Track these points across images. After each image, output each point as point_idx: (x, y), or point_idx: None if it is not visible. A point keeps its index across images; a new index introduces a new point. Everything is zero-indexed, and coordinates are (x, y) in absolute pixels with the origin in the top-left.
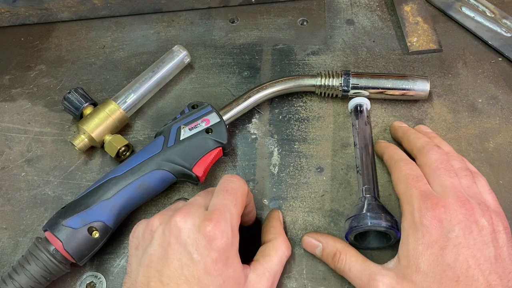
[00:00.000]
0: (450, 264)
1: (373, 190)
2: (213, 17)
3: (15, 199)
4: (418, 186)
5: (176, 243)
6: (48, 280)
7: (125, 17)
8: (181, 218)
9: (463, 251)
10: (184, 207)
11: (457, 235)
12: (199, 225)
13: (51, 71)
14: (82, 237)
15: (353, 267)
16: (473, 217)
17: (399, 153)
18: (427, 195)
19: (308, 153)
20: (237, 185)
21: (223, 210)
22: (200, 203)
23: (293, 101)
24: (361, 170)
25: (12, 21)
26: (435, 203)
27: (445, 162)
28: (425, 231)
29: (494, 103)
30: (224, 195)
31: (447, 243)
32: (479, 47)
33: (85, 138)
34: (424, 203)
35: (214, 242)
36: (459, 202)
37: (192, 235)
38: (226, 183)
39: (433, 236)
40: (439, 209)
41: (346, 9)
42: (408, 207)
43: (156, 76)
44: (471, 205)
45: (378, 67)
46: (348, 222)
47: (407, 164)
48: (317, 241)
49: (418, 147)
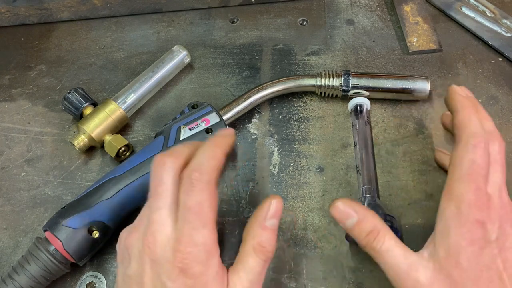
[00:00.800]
0: (487, 265)
1: (373, 190)
2: (213, 17)
3: (15, 199)
4: (478, 180)
5: (150, 271)
6: (48, 280)
7: (125, 17)
8: (150, 248)
9: (499, 255)
10: (149, 230)
11: (497, 238)
12: (169, 256)
13: (51, 71)
14: (82, 237)
15: (393, 251)
16: (511, 221)
17: (476, 125)
18: (481, 194)
19: (308, 153)
20: (202, 195)
21: (190, 235)
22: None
23: (293, 101)
24: (361, 170)
25: (12, 21)
26: (484, 202)
27: (503, 158)
28: (470, 227)
29: (494, 103)
30: (189, 215)
31: (487, 244)
32: (479, 47)
33: (85, 138)
34: (475, 201)
35: (187, 272)
36: (502, 205)
37: (164, 265)
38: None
39: (476, 235)
40: (485, 211)
41: (346, 9)
42: (458, 197)
43: (156, 76)
44: (511, 209)
45: (378, 67)
46: None
47: (479, 147)
48: (354, 211)
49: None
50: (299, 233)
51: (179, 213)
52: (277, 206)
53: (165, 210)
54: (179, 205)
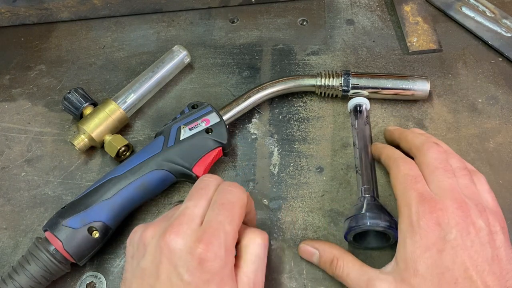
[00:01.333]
0: (448, 266)
1: (372, 190)
2: (213, 17)
3: (15, 199)
4: (416, 188)
5: (167, 263)
6: (48, 280)
7: (125, 17)
8: (172, 237)
9: (461, 253)
10: (176, 221)
11: (454, 238)
12: (190, 246)
13: (51, 71)
14: (82, 237)
15: (351, 273)
16: (470, 218)
17: (397, 152)
18: (425, 198)
19: (308, 153)
20: (235, 197)
21: (217, 229)
22: (193, 215)
23: (293, 101)
24: (360, 170)
25: (12, 21)
26: (432, 206)
27: (444, 162)
28: (422, 234)
29: (494, 103)
30: (220, 210)
31: (445, 245)
32: (479, 47)
33: (85, 138)
34: (422, 206)
35: (205, 264)
36: (456, 204)
37: (183, 256)
38: (223, 194)
39: (431, 239)
40: (436, 212)
41: (346, 9)
42: (406, 209)
43: (156, 76)
44: (467, 207)
45: (378, 67)
46: (347, 222)
47: (405, 164)
48: (314, 248)
49: (417, 145)
50: (299, 233)
51: (210, 207)
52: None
53: (197, 208)
54: (211, 204)
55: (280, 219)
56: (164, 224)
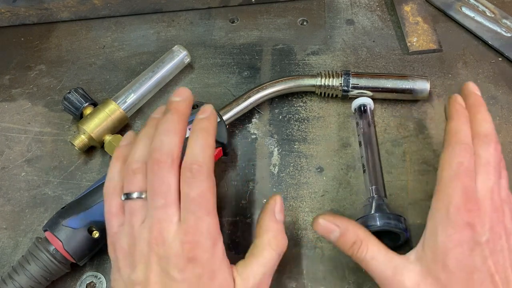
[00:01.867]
0: (477, 267)
1: (380, 191)
2: (213, 17)
3: (15, 199)
4: (464, 181)
5: (157, 268)
6: (48, 280)
7: (125, 17)
8: (160, 242)
9: (490, 257)
10: (158, 224)
11: (487, 241)
12: (177, 248)
13: (51, 71)
14: (82, 237)
15: (377, 258)
16: (503, 223)
17: (465, 133)
18: (469, 195)
19: (308, 153)
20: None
21: (196, 225)
22: (168, 216)
23: (293, 101)
24: (367, 169)
25: (12, 21)
26: (473, 204)
27: (497, 161)
28: (457, 229)
29: (494, 103)
30: (195, 207)
31: (476, 246)
32: (479, 47)
33: (85, 138)
34: (464, 203)
35: (195, 261)
36: (494, 207)
37: (172, 259)
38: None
39: (464, 236)
40: (475, 212)
41: (346, 9)
42: (446, 198)
43: (156, 76)
44: (503, 211)
45: (378, 67)
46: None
47: (465, 151)
48: (335, 225)
49: (480, 133)
50: (299, 233)
51: (182, 205)
52: (281, 202)
53: (170, 208)
54: (182, 197)
55: None
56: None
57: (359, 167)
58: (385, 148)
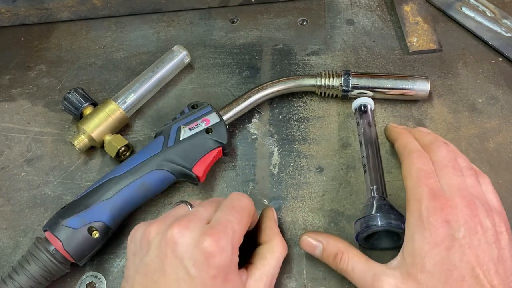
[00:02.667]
0: (455, 264)
1: (381, 190)
2: (213, 17)
3: (15, 199)
4: (428, 183)
5: (173, 256)
6: (48, 280)
7: (125, 17)
8: (179, 230)
9: (468, 252)
10: (184, 218)
11: (463, 236)
12: (198, 239)
13: (51, 71)
14: (82, 237)
15: (356, 267)
16: (478, 218)
17: (413, 143)
18: (436, 194)
19: (308, 153)
20: (245, 203)
21: (225, 226)
22: (202, 216)
23: (293, 101)
24: (368, 169)
25: (12, 21)
26: (443, 203)
27: (453, 160)
28: (432, 230)
29: (494, 103)
30: (230, 211)
31: (453, 243)
32: (479, 47)
33: (85, 138)
34: (433, 202)
35: (213, 259)
36: (465, 202)
37: (189, 249)
38: (234, 200)
39: (440, 235)
40: (447, 210)
41: (346, 9)
42: (416, 204)
43: (156, 76)
44: (476, 206)
45: (378, 67)
46: (358, 224)
47: (420, 157)
48: (317, 241)
49: (426, 143)
50: (299, 233)
51: (220, 208)
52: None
53: (209, 213)
54: (221, 206)
55: (280, 219)
56: (168, 221)
57: (359, 167)
58: (385, 148)
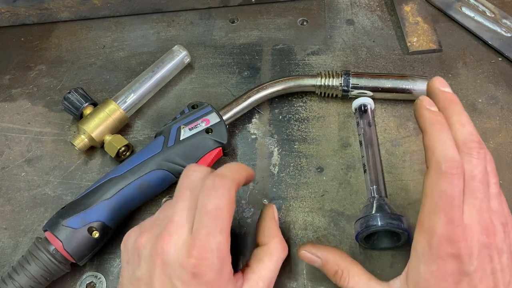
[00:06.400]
0: None
1: (381, 190)
2: (213, 17)
3: (15, 199)
4: (448, 212)
5: (162, 274)
6: (48, 280)
7: (125, 17)
8: (164, 249)
9: (480, 284)
10: (165, 231)
11: (475, 269)
12: (183, 259)
13: (51, 71)
14: (82, 237)
15: (357, 287)
16: (495, 244)
17: (445, 148)
18: (453, 225)
19: (308, 153)
20: (221, 201)
21: (207, 240)
22: (181, 222)
23: (293, 101)
24: (368, 169)
25: (12, 21)
26: (458, 235)
27: (484, 175)
28: (440, 264)
29: (494, 103)
30: (208, 219)
31: (463, 277)
32: (479, 47)
33: (85, 138)
34: (447, 234)
35: (201, 278)
36: (484, 229)
37: (176, 268)
38: (208, 199)
39: (449, 270)
40: (460, 243)
41: (346, 9)
42: (428, 231)
43: (156, 76)
44: (494, 231)
45: (378, 67)
46: (358, 224)
47: (449, 174)
48: (316, 257)
49: (459, 140)
50: (299, 233)
51: (196, 216)
52: (276, 210)
53: (185, 212)
54: (198, 208)
55: (280, 219)
56: (156, 230)
57: (359, 167)
58: (385, 148)
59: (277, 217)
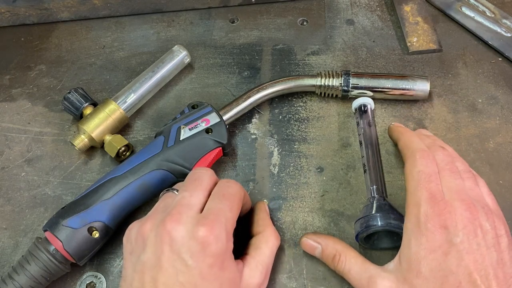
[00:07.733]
0: (452, 269)
1: (381, 190)
2: (213, 17)
3: (15, 199)
4: (429, 187)
5: (170, 251)
6: (48, 280)
7: (125, 17)
8: (173, 226)
9: (466, 257)
10: (174, 211)
11: (461, 241)
12: (192, 230)
13: (51, 71)
14: (82, 237)
15: (353, 269)
16: (478, 221)
17: (416, 142)
18: (436, 199)
19: (308, 153)
20: (234, 190)
21: (218, 214)
22: (191, 204)
23: (293, 101)
24: (368, 169)
25: (12, 21)
26: (442, 208)
27: (450, 164)
28: (429, 236)
29: (494, 103)
30: (221, 200)
31: (451, 248)
32: (479, 47)
33: (85, 138)
34: (431, 208)
35: (209, 248)
36: (465, 205)
37: (185, 242)
38: (223, 188)
39: (437, 241)
40: (445, 215)
41: (346, 9)
42: (414, 208)
43: (156, 76)
44: (476, 209)
45: (378, 67)
46: (358, 224)
47: (422, 158)
48: (316, 242)
49: (428, 144)
50: (299, 233)
51: (210, 198)
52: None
53: (196, 198)
54: (212, 194)
55: (280, 219)
56: (160, 215)
57: (359, 167)
58: (385, 148)
59: (268, 210)
